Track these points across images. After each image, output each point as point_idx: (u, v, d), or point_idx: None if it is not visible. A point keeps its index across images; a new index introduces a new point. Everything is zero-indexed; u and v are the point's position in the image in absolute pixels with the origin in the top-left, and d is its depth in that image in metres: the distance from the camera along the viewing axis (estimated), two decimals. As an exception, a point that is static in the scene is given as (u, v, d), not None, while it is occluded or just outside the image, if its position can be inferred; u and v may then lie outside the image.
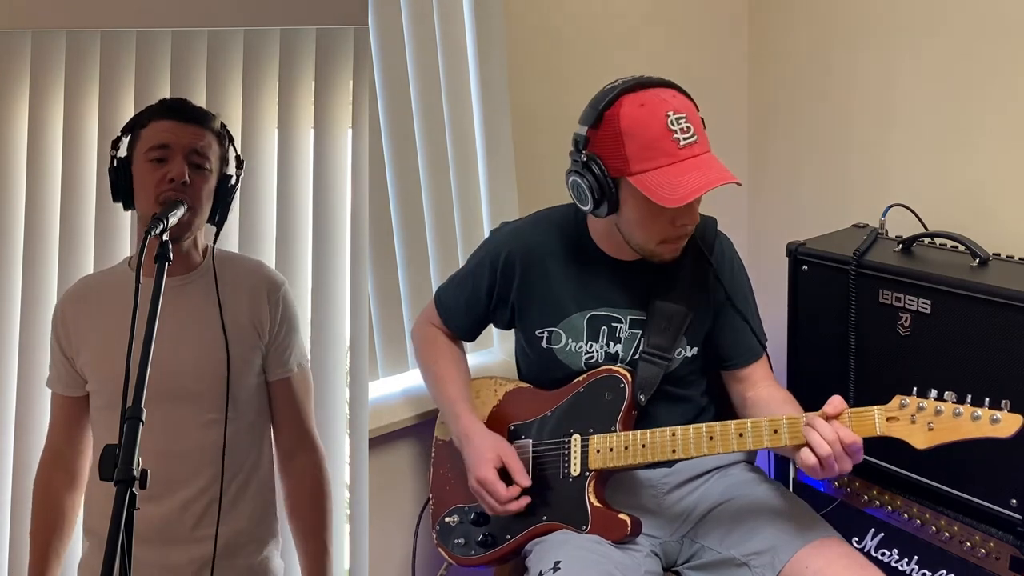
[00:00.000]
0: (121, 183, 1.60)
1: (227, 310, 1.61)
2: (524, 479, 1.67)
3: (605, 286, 1.73)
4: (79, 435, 1.70)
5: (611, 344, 1.73)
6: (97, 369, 1.63)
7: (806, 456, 1.45)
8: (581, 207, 1.61)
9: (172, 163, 1.57)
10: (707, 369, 1.81)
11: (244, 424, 1.65)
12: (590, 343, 1.73)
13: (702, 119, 1.58)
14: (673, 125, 1.50)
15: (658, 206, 1.49)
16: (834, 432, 1.43)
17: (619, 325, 1.73)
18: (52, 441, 1.72)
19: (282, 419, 1.73)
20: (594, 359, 1.73)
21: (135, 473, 1.04)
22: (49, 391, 1.74)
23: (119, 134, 1.62)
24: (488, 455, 1.68)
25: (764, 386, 1.75)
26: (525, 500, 1.67)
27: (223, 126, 1.68)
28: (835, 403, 1.47)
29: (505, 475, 1.68)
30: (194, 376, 1.60)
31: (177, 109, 1.63)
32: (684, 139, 1.50)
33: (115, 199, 1.62)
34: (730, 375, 1.78)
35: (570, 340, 1.74)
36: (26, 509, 1.77)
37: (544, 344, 1.76)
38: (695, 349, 1.74)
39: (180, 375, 1.58)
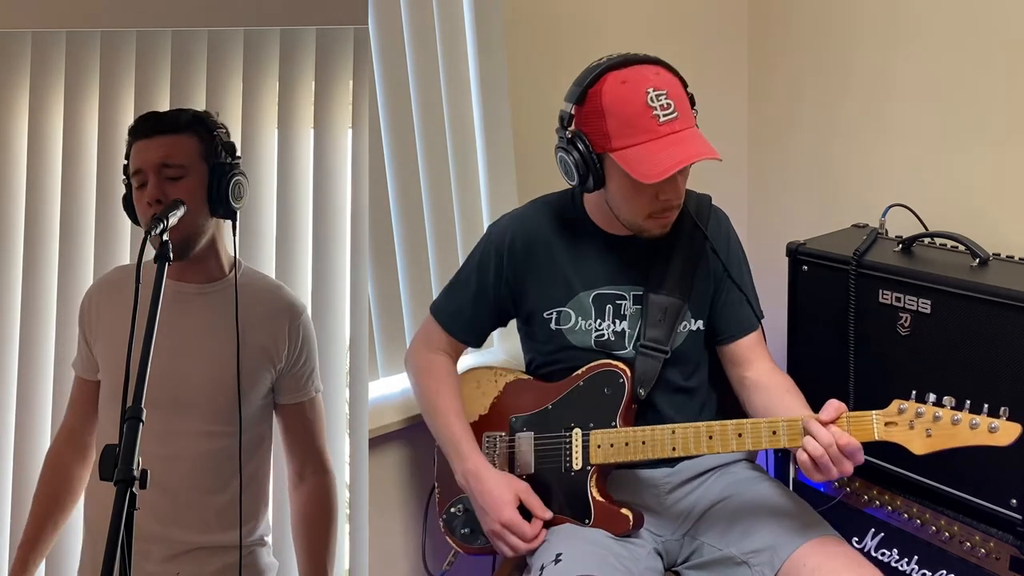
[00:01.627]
0: (132, 210, 1.62)
1: (242, 328, 1.60)
2: (546, 512, 1.67)
3: (605, 263, 1.74)
4: (94, 417, 1.70)
5: (617, 322, 1.73)
6: (106, 359, 1.65)
7: (802, 458, 1.47)
8: (568, 182, 1.64)
9: (148, 186, 1.55)
10: (712, 352, 1.81)
11: (245, 439, 1.64)
12: (598, 321, 1.74)
13: (691, 95, 1.60)
14: (653, 102, 1.52)
15: (639, 181, 1.52)
16: (829, 435, 1.43)
17: (623, 302, 1.73)
18: (68, 420, 1.74)
19: (296, 442, 1.74)
20: (604, 336, 1.74)
21: (135, 473, 1.04)
22: (50, 389, 1.74)
23: (125, 161, 1.61)
24: (507, 496, 1.67)
25: (762, 366, 1.75)
26: (544, 534, 1.67)
27: (196, 117, 1.62)
28: (831, 409, 1.47)
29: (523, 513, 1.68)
30: (197, 385, 1.60)
31: (142, 127, 1.60)
32: (664, 115, 1.52)
33: (140, 226, 1.62)
34: (726, 353, 1.77)
35: (579, 319, 1.74)
36: (27, 498, 1.78)
37: (553, 325, 1.76)
38: (700, 322, 1.74)
39: (183, 383, 1.59)
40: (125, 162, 1.61)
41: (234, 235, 1.63)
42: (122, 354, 1.56)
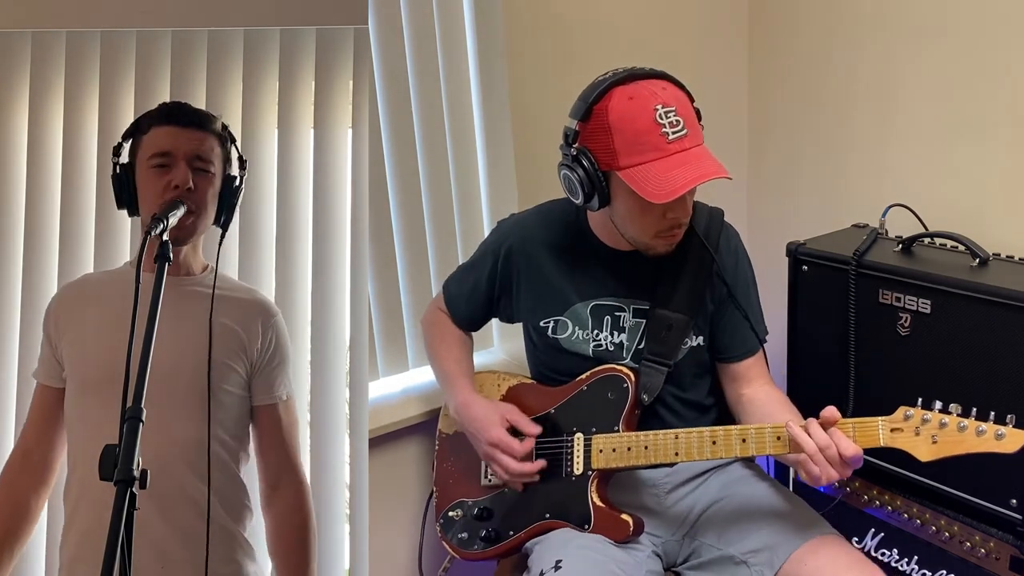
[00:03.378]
0: (125, 191, 1.60)
1: (214, 317, 1.60)
2: (533, 428, 1.69)
3: (606, 276, 1.73)
4: (53, 432, 1.68)
5: (615, 334, 1.73)
6: (75, 352, 1.63)
7: (802, 461, 1.46)
8: (573, 200, 1.62)
9: (175, 170, 1.57)
10: (712, 365, 1.80)
11: (218, 428, 1.62)
12: (596, 331, 1.73)
13: (697, 110, 1.58)
14: (662, 119, 1.48)
15: (648, 200, 1.49)
16: (827, 438, 1.42)
17: (622, 314, 1.73)
18: (25, 437, 1.71)
19: (267, 446, 1.71)
20: (603, 347, 1.73)
21: (135, 473, 1.04)
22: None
23: (120, 140, 1.62)
24: (494, 417, 1.70)
25: (760, 385, 1.74)
26: (539, 464, 1.67)
27: (225, 127, 1.67)
28: (829, 412, 1.46)
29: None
30: (171, 371, 1.57)
31: (176, 114, 1.62)
32: (673, 133, 1.49)
33: (119, 206, 1.62)
34: (725, 370, 1.77)
35: (577, 329, 1.74)
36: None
37: (550, 334, 1.76)
38: (700, 338, 1.73)
39: (157, 369, 1.56)
40: (121, 142, 1.61)
41: (220, 244, 1.66)
42: (91, 348, 1.56)
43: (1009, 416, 1.36)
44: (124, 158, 1.61)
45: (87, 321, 1.62)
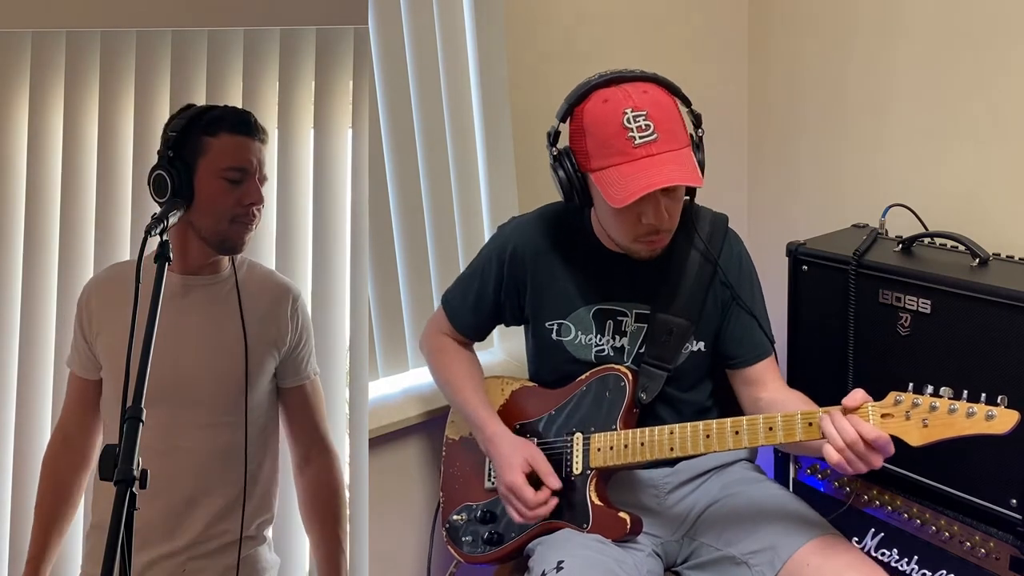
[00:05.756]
0: (184, 186, 1.54)
1: (247, 316, 1.63)
2: (554, 481, 1.66)
3: (608, 280, 1.73)
4: (91, 417, 1.71)
5: (617, 338, 1.73)
6: (110, 358, 1.65)
7: (829, 453, 1.41)
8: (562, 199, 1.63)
9: (248, 186, 1.60)
10: (714, 369, 1.79)
11: (254, 429, 1.66)
12: (598, 336, 1.73)
13: (696, 114, 1.57)
14: (629, 123, 1.48)
15: (609, 204, 1.49)
16: (854, 432, 1.38)
17: (624, 319, 1.72)
18: (64, 422, 1.73)
19: (298, 425, 1.75)
20: (604, 351, 1.73)
21: (135, 473, 1.04)
22: (50, 389, 1.73)
23: (173, 132, 1.56)
24: (516, 460, 1.67)
25: (776, 387, 1.72)
26: (553, 502, 1.66)
27: None
28: (855, 396, 1.43)
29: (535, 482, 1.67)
30: (207, 378, 1.61)
31: (248, 124, 1.63)
32: (640, 137, 1.48)
33: (163, 196, 1.53)
34: (738, 376, 1.75)
35: (579, 332, 1.74)
36: (26, 498, 1.78)
37: (554, 336, 1.76)
38: (701, 344, 1.73)
39: (193, 376, 1.59)
40: (173, 133, 1.56)
41: None
42: (123, 351, 1.58)
43: (1000, 397, 1.34)
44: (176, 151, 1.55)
45: (118, 326, 1.61)
